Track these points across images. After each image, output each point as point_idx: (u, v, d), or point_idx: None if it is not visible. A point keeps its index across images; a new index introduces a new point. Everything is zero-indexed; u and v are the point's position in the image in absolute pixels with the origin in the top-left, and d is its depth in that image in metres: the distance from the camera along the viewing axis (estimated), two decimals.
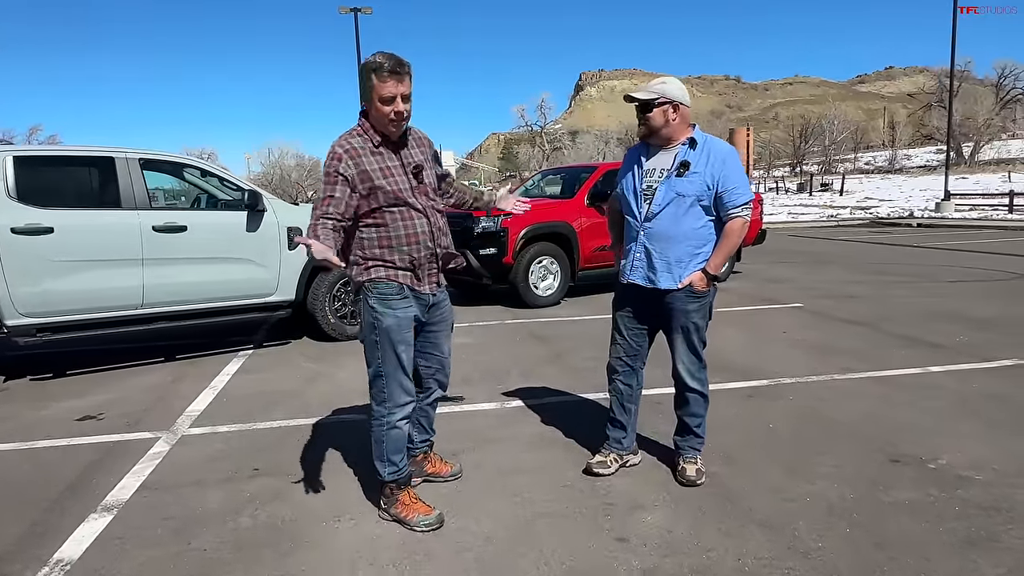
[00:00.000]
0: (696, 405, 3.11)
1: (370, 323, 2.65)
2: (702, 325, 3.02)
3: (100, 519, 2.83)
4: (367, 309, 2.65)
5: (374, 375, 2.70)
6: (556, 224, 7.84)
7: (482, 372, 5.00)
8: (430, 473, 3.12)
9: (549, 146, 78.71)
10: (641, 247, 3.01)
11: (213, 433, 3.86)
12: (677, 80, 2.95)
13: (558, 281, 7.88)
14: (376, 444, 2.74)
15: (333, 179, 2.55)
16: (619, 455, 3.24)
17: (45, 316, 4.92)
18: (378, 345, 2.65)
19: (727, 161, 2.88)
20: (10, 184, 4.82)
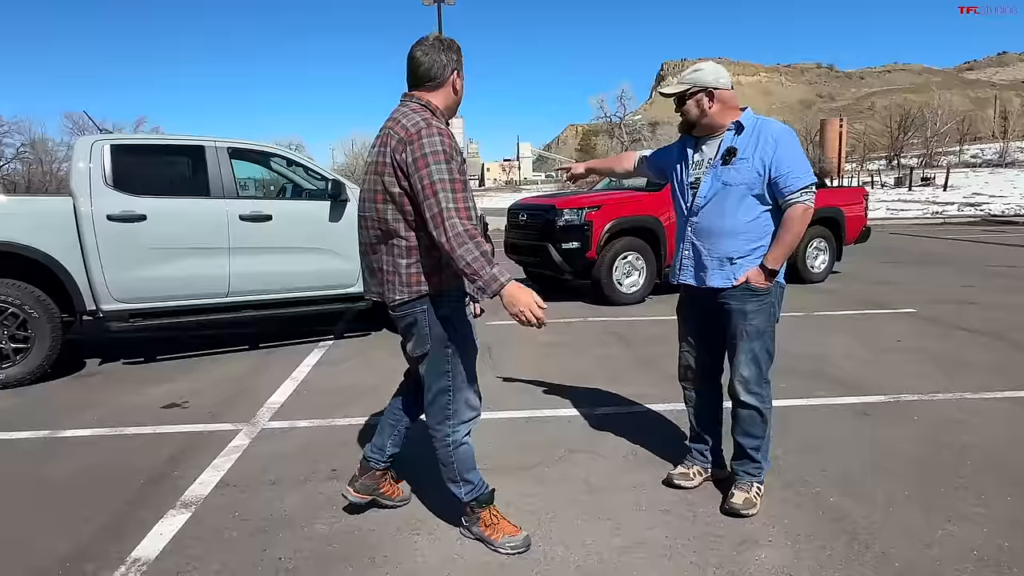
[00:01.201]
0: (751, 424, 2.73)
1: (441, 336, 2.34)
2: (765, 329, 2.66)
3: (178, 515, 2.76)
4: (434, 322, 2.32)
5: (439, 392, 2.40)
6: (643, 218, 7.46)
7: (566, 374, 4.74)
8: (383, 493, 2.78)
9: (628, 137, 77.15)
10: (689, 244, 2.72)
11: (292, 428, 3.78)
12: (713, 64, 2.65)
13: (643, 278, 7.51)
14: (445, 467, 2.48)
15: (449, 157, 2.16)
16: (703, 468, 2.94)
17: (137, 302, 5.01)
18: (449, 360, 2.37)
19: (780, 142, 2.52)
20: (107, 171, 4.92)
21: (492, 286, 2.10)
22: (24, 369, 4.67)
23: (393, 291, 2.33)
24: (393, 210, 2.25)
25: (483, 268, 2.09)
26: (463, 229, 2.10)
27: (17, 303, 4.62)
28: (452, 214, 2.11)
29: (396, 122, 2.26)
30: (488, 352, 5.47)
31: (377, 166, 2.28)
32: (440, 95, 2.34)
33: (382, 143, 2.27)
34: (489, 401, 4.14)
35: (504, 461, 3.26)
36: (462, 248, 2.08)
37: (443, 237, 2.09)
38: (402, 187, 2.20)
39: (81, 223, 4.76)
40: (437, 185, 2.12)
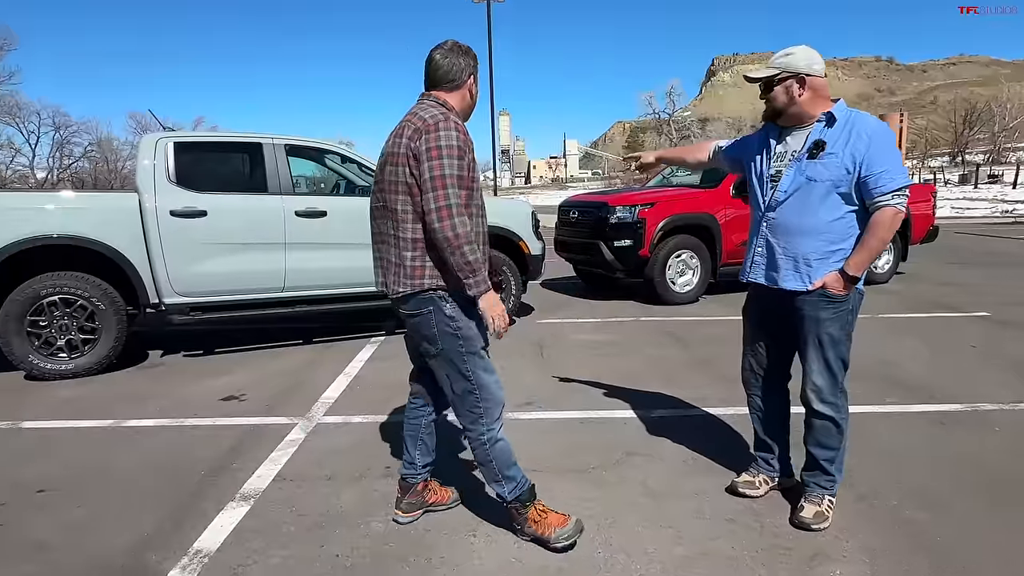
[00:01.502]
0: (825, 435, 2.57)
1: (450, 334, 2.30)
2: (840, 338, 2.49)
3: (238, 508, 2.78)
4: (442, 320, 2.29)
5: (463, 393, 2.36)
6: (698, 216, 7.28)
7: (619, 375, 4.63)
8: (432, 503, 2.72)
9: (677, 134, 75.88)
10: (763, 240, 2.56)
11: (346, 423, 3.80)
12: (807, 48, 2.45)
13: (697, 277, 7.32)
14: (484, 467, 2.44)
15: (462, 154, 2.20)
16: (770, 477, 2.81)
17: (197, 296, 5.13)
18: (465, 358, 2.33)
19: (875, 139, 2.32)
20: (171, 168, 5.04)
21: (481, 287, 2.19)
22: (92, 359, 4.83)
23: (397, 283, 2.31)
24: (403, 201, 2.24)
25: (480, 269, 2.18)
26: (469, 228, 2.17)
27: (86, 296, 4.78)
28: (461, 211, 2.16)
29: (414, 115, 2.27)
30: (540, 350, 5.41)
31: (390, 156, 2.27)
32: (456, 97, 2.35)
33: (397, 134, 2.27)
34: (543, 401, 4.11)
35: (560, 463, 3.20)
36: (468, 245, 2.14)
37: (448, 231, 2.12)
38: (414, 177, 2.20)
39: (146, 218, 4.90)
40: (447, 180, 2.14)
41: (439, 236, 2.14)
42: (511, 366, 4.96)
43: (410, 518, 2.65)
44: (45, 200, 5.05)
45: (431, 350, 2.35)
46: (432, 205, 2.13)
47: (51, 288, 4.69)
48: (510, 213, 6.39)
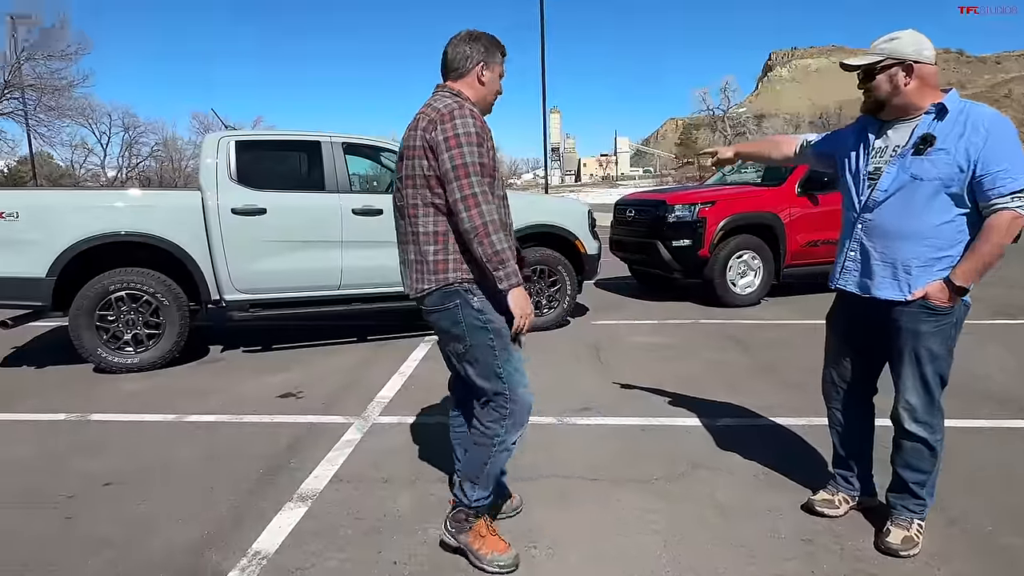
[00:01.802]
0: (916, 457, 2.36)
1: (479, 327, 2.21)
2: (940, 353, 2.27)
3: (296, 509, 2.76)
4: (470, 313, 2.20)
5: (494, 394, 2.26)
6: (761, 215, 7.01)
7: (679, 380, 4.47)
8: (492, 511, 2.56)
9: (732, 131, 74.11)
10: (857, 244, 2.34)
11: (401, 424, 3.76)
12: (914, 32, 2.21)
13: (759, 278, 7.05)
14: (476, 466, 2.31)
15: (481, 141, 2.13)
16: (850, 496, 2.62)
17: (256, 293, 5.19)
18: (497, 355, 2.23)
19: (993, 133, 2.08)
20: (232, 167, 5.12)
21: (512, 280, 2.11)
22: (156, 354, 4.94)
23: (421, 280, 2.23)
24: (422, 195, 2.18)
25: (509, 259, 2.10)
26: (496, 217, 2.09)
27: (151, 291, 4.89)
28: (488, 198, 2.09)
29: (428, 106, 2.22)
30: (596, 353, 5.28)
31: (407, 151, 2.21)
32: (466, 85, 2.27)
33: (412, 127, 2.21)
34: (601, 406, 3.99)
35: (620, 472, 3.07)
36: (496, 235, 2.07)
37: (476, 220, 2.06)
38: (432, 168, 2.13)
39: (208, 216, 4.98)
40: (470, 168, 2.07)
41: (466, 226, 2.07)
42: (567, 369, 4.86)
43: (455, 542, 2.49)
44: (114, 198, 5.20)
45: (459, 347, 2.26)
46: (457, 195, 2.07)
47: (119, 284, 4.82)
48: (566, 212, 6.27)
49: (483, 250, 2.07)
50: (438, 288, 2.19)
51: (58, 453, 3.41)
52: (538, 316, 5.99)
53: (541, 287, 6.01)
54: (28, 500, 2.89)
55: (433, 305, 2.24)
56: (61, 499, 2.89)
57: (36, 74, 27.29)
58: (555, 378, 4.60)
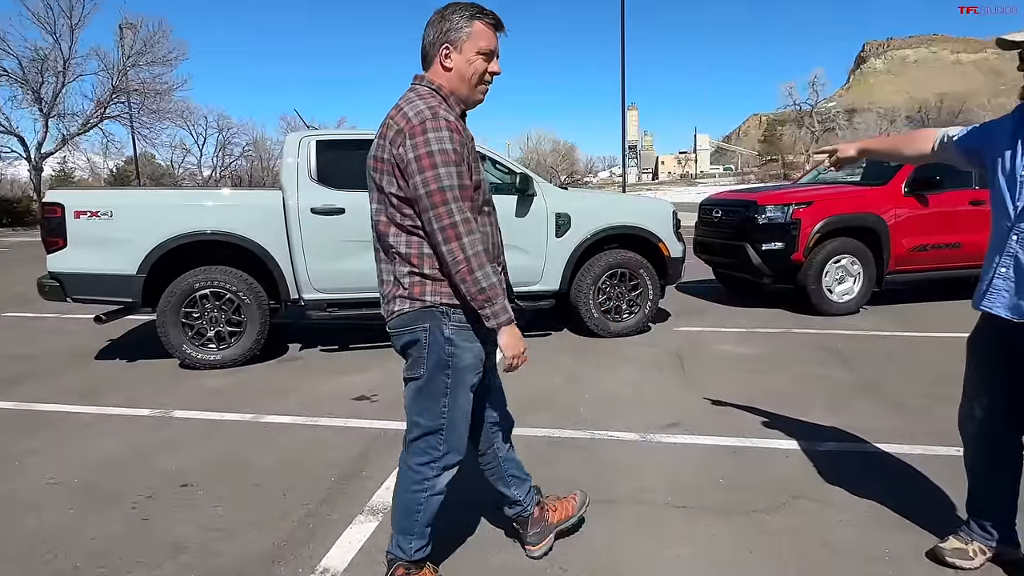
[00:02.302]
0: None
1: (441, 361, 1.96)
2: None
3: (366, 523, 2.66)
4: (437, 342, 1.95)
5: (428, 431, 2.03)
6: (862, 216, 6.48)
7: (773, 396, 4.13)
8: (560, 522, 2.43)
9: (820, 127, 70.72)
10: (1010, 259, 1.98)
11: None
12: None
13: (859, 285, 6.52)
14: (406, 514, 2.10)
15: (459, 159, 1.85)
16: (986, 546, 2.25)
17: (334, 292, 5.19)
18: (448, 390, 1.99)
19: None
20: (312, 166, 5.13)
21: (500, 318, 1.89)
22: (237, 351, 5.02)
23: (393, 302, 1.99)
24: (391, 215, 1.93)
25: (498, 296, 1.88)
26: (481, 249, 1.85)
27: (233, 289, 4.97)
28: (470, 227, 1.84)
29: (398, 109, 1.92)
30: (680, 362, 4.99)
31: (374, 161, 1.95)
32: (435, 74, 1.97)
33: (381, 134, 1.93)
34: (688, 422, 3.71)
35: (712, 499, 2.81)
36: (481, 270, 1.84)
37: (457, 255, 1.82)
38: (403, 189, 1.87)
39: (288, 216, 5.01)
40: (448, 194, 1.81)
41: (447, 260, 1.84)
42: (649, 379, 4.59)
43: (543, 548, 2.39)
44: (201, 198, 5.32)
45: (412, 374, 2.02)
46: (435, 225, 1.82)
47: (203, 282, 4.92)
48: (649, 212, 5.98)
49: (467, 288, 1.85)
50: (410, 311, 1.96)
51: (141, 450, 3.46)
52: (617, 322, 5.75)
53: (621, 291, 5.76)
54: (109, 497, 2.92)
55: (401, 326, 1.99)
56: (140, 498, 2.90)
57: (140, 79, 29.08)
58: (636, 389, 4.36)
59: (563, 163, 56.24)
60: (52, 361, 5.38)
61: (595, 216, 5.66)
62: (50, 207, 4.79)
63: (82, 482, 3.10)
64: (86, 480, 3.12)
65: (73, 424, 3.90)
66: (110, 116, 29.38)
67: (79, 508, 2.83)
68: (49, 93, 27.51)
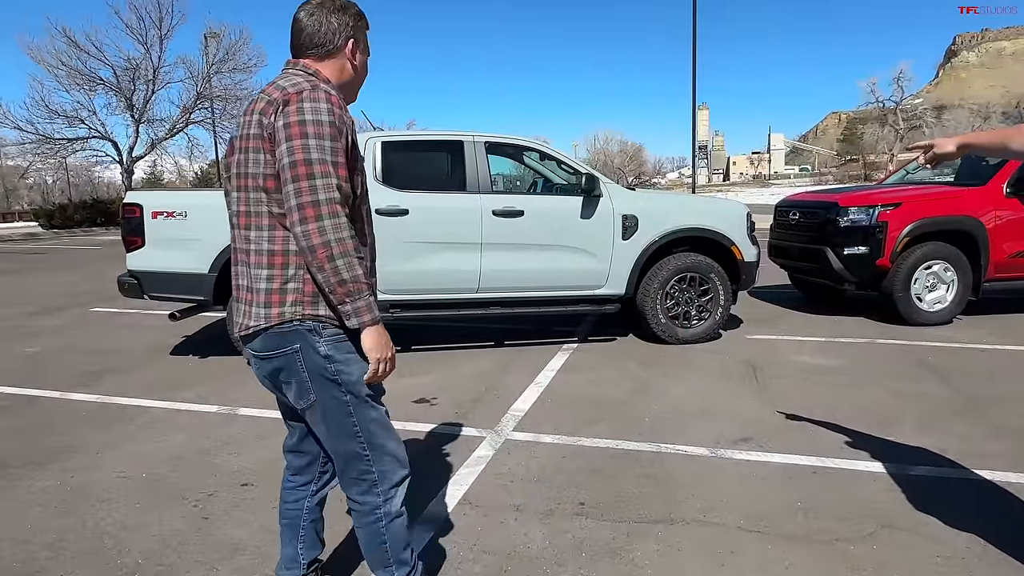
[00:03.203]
0: None
1: (328, 380, 1.70)
2: None
3: (422, 533, 2.58)
4: (314, 363, 1.68)
5: (350, 457, 1.77)
6: (957, 219, 5.99)
7: (858, 413, 3.83)
8: None
9: (905, 124, 67.03)
10: None
11: (537, 443, 3.50)
12: None
13: (953, 293, 6.04)
14: (374, 550, 1.86)
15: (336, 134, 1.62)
16: None
17: (397, 294, 5.18)
18: (350, 408, 1.73)
19: None
20: (377, 168, 5.14)
21: (364, 317, 1.62)
22: None
23: (249, 315, 1.70)
24: (255, 199, 1.67)
25: (362, 290, 1.60)
26: (347, 235, 1.57)
27: None
28: (335, 208, 1.56)
29: (271, 84, 1.72)
30: (753, 372, 4.72)
31: (239, 140, 1.71)
32: (331, 66, 1.78)
33: (248, 111, 1.71)
34: (762, 438, 3.48)
35: (788, 525, 2.60)
36: (344, 258, 1.57)
37: (315, 238, 1.55)
38: (270, 164, 1.63)
39: None
40: (316, 167, 1.56)
41: (303, 244, 1.57)
42: (719, 389, 4.36)
43: None
44: None
45: (301, 403, 1.76)
46: (293, 201, 1.56)
47: None
48: (722, 214, 5.71)
49: (324, 277, 1.58)
50: (270, 327, 1.67)
51: (205, 448, 3.52)
52: (685, 328, 5.52)
53: (690, 296, 5.52)
54: (173, 494, 2.96)
55: (264, 349, 1.71)
56: (202, 496, 2.93)
57: (222, 86, 30.41)
58: (705, 400, 4.14)
59: (631, 164, 55.48)
60: (132, 356, 5.60)
61: (664, 218, 5.44)
62: (129, 207, 4.98)
63: (150, 477, 3.16)
64: (154, 475, 3.18)
65: (147, 418, 4.01)
66: (195, 121, 30.86)
67: (145, 503, 2.88)
68: (140, 100, 29.17)
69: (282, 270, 1.66)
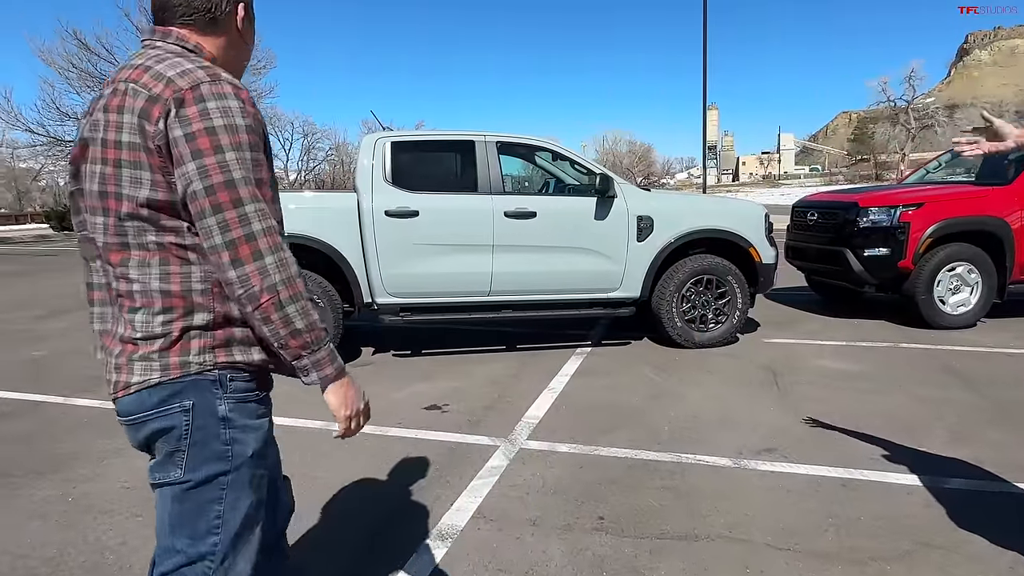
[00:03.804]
0: None
1: (213, 454, 1.29)
2: None
3: (434, 549, 2.47)
4: (206, 428, 1.29)
5: (193, 557, 1.30)
6: (982, 219, 5.83)
7: (885, 421, 3.69)
8: None
9: (917, 123, 66.39)
10: None
11: (552, 452, 3.38)
12: None
13: (977, 296, 5.88)
14: None
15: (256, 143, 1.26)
16: None
17: (407, 297, 5.08)
18: (224, 496, 1.31)
19: None
20: (387, 168, 5.04)
21: (327, 370, 1.28)
22: None
23: (131, 369, 1.28)
24: (134, 229, 1.26)
25: (322, 338, 1.27)
26: (297, 271, 1.25)
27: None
28: (277, 240, 1.23)
29: (141, 70, 1.25)
30: (773, 378, 4.59)
31: (98, 148, 1.26)
32: (216, 41, 1.37)
33: (107, 107, 1.25)
34: (786, 448, 3.35)
35: (819, 543, 2.46)
36: (295, 304, 1.23)
37: (258, 281, 1.20)
38: (157, 183, 1.22)
39: (362, 218, 4.93)
40: (242, 189, 1.20)
41: (239, 292, 1.21)
42: (739, 396, 4.23)
43: None
44: (282, 200, 5.32)
45: (164, 477, 1.31)
46: (218, 239, 1.19)
47: None
48: (739, 215, 5.58)
49: (272, 330, 1.23)
50: (164, 383, 1.27)
51: None
52: (702, 332, 5.38)
53: (707, 299, 5.38)
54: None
55: (140, 411, 1.29)
56: None
57: None
58: (725, 407, 4.01)
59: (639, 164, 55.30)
60: None
61: (679, 219, 5.31)
62: None
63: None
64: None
65: None
66: None
67: (147, 517, 2.77)
68: None
69: (183, 313, 1.27)
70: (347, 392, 1.33)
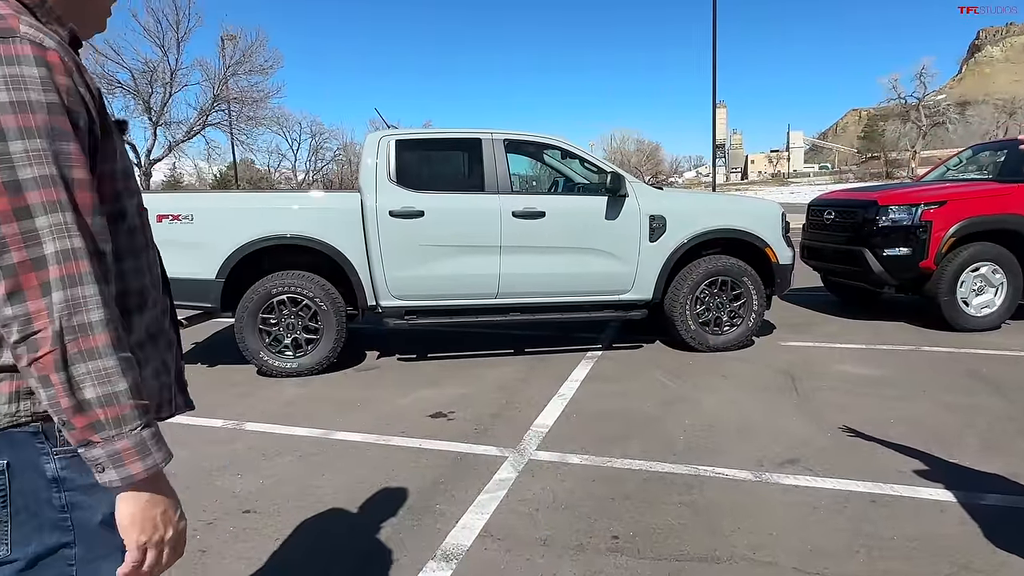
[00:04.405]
0: None
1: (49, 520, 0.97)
2: None
3: (438, 571, 2.32)
4: (31, 492, 0.96)
5: None
6: (1006, 218, 5.63)
7: (912, 430, 3.52)
8: None
9: (927, 121, 65.73)
10: None
11: (563, 464, 3.22)
12: None
13: (1002, 297, 5.68)
14: None
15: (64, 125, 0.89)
16: None
17: (412, 299, 4.94)
18: (73, 571, 0.99)
19: None
20: (391, 168, 4.90)
21: (131, 467, 0.89)
22: (314, 359, 4.84)
23: None
24: None
25: (128, 417, 0.89)
26: (102, 316, 0.88)
27: (310, 295, 4.79)
28: (82, 268, 0.87)
29: None
30: (792, 383, 4.41)
31: None
32: None
33: None
34: (809, 459, 3.18)
35: (849, 566, 2.30)
36: (86, 364, 0.87)
37: (42, 325, 0.85)
38: None
39: (366, 218, 4.79)
40: (32, 194, 0.85)
41: (18, 338, 0.85)
42: (756, 402, 4.06)
43: None
44: (279, 201, 5.21)
45: None
46: None
47: (280, 287, 4.77)
48: (755, 215, 5.40)
49: (51, 395, 0.86)
50: None
51: (207, 468, 3.28)
52: (716, 335, 5.21)
53: (722, 301, 5.21)
54: None
55: None
56: (200, 526, 2.68)
57: (238, 88, 30.43)
58: (743, 414, 3.84)
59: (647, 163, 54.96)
60: None
61: (693, 219, 5.14)
62: None
63: None
64: None
65: None
66: (212, 124, 30.89)
67: None
68: (158, 103, 29.20)
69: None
70: (151, 507, 0.93)
